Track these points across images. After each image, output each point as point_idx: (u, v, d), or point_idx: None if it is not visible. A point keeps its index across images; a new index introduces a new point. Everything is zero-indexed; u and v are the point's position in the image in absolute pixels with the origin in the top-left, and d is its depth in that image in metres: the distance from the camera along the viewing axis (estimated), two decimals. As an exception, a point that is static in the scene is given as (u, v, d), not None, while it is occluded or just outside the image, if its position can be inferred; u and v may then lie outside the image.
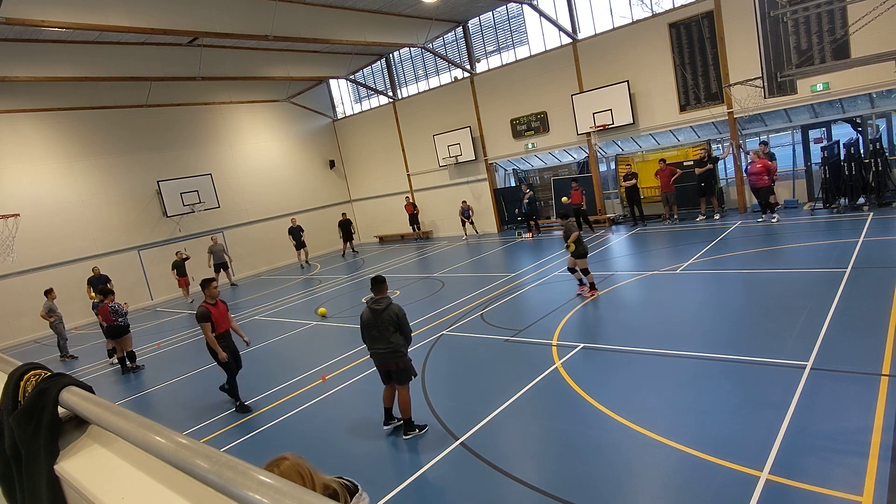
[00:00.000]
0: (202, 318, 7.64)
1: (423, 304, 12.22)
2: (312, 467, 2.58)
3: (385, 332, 6.05)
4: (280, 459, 2.58)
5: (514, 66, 19.66)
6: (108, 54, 16.39)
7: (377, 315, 6.06)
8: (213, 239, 20.04)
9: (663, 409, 5.84)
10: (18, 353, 15.25)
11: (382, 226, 25.62)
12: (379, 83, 24.09)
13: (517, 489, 4.92)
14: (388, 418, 6.46)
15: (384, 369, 6.26)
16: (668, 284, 10.40)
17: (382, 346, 6.09)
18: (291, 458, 2.56)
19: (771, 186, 14.08)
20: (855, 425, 4.84)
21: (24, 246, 16.34)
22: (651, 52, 16.54)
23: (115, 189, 19.22)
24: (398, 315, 6.06)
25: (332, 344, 10.45)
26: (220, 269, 19.37)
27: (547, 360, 7.63)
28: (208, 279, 8.00)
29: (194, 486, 1.06)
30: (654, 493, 4.61)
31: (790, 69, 6.03)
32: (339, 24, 16.85)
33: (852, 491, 4.02)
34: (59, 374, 1.57)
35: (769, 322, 7.62)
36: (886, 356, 5.93)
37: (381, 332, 6.05)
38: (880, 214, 12.69)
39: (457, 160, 21.42)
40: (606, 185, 19.46)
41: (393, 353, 6.09)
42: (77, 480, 1.36)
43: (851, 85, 13.57)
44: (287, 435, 6.90)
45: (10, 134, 17.15)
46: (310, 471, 2.53)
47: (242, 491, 0.90)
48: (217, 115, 22.26)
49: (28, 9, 11.29)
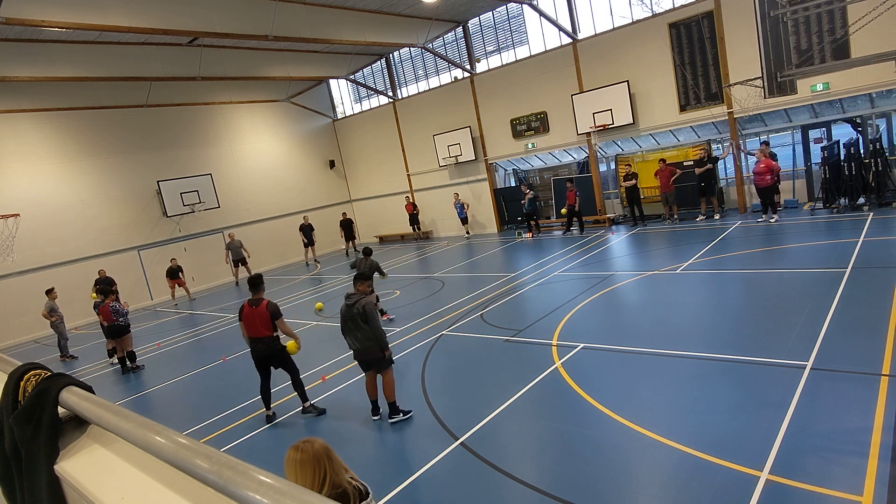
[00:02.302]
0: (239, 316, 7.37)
1: (423, 304, 12.22)
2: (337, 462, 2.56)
3: (357, 325, 6.49)
4: (307, 443, 2.57)
5: (514, 66, 19.66)
6: (108, 54, 16.39)
7: (349, 309, 6.56)
8: (230, 235, 20.53)
9: (663, 409, 5.84)
10: (18, 353, 15.25)
11: (382, 226, 25.62)
12: (379, 83, 24.09)
13: (517, 489, 4.92)
14: (375, 409, 6.85)
15: (361, 359, 6.72)
16: (669, 284, 10.40)
17: (358, 336, 6.53)
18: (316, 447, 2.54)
19: (775, 186, 14.07)
20: (855, 425, 4.84)
21: (24, 246, 16.34)
22: (651, 52, 16.54)
23: (115, 189, 19.23)
24: (365, 309, 6.48)
25: (332, 344, 10.45)
26: (238, 265, 19.92)
27: (547, 360, 7.63)
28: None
29: (194, 486, 1.06)
30: (654, 493, 4.61)
31: (790, 69, 6.03)
32: (339, 24, 16.85)
33: (852, 491, 4.02)
34: (59, 374, 1.57)
35: (769, 322, 7.62)
36: (886, 356, 5.93)
37: (355, 324, 6.50)
38: (880, 214, 12.68)
39: (457, 160, 21.42)
40: (606, 185, 19.46)
41: (365, 342, 6.51)
42: (77, 480, 1.36)
43: (851, 85, 13.57)
44: (287, 435, 6.90)
45: (10, 134, 17.15)
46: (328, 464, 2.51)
47: (242, 491, 0.90)
48: (217, 115, 22.26)
49: (28, 9, 11.28)
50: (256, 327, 7.11)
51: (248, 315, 7.15)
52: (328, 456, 2.52)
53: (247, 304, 7.22)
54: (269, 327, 7.11)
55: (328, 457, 2.52)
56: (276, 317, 7.11)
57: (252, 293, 7.28)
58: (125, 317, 10.96)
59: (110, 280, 15.98)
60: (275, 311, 7.13)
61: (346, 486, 2.51)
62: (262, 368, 7.34)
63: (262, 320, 7.08)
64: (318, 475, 2.46)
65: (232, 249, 19.90)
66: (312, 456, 2.51)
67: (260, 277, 7.41)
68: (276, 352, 7.24)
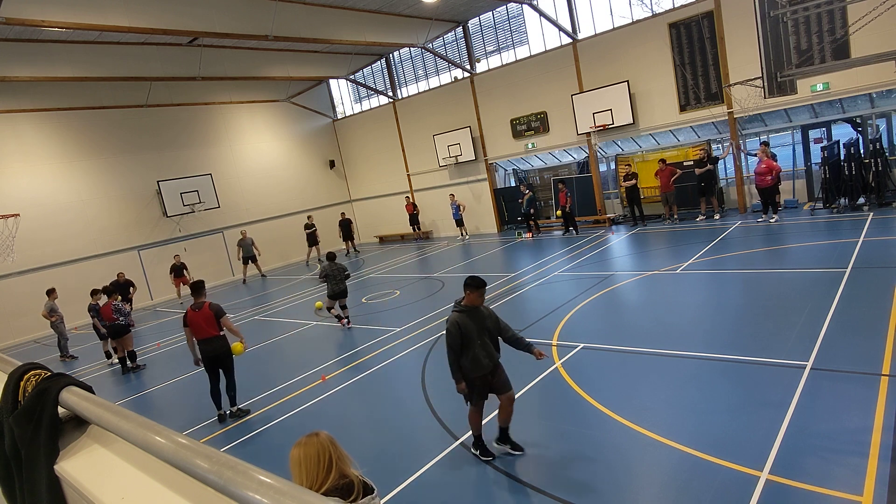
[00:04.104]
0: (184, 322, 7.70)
1: (423, 304, 12.22)
2: (341, 454, 2.56)
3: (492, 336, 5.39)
4: (311, 436, 2.57)
5: (513, 66, 19.66)
6: (108, 54, 16.39)
7: (483, 320, 5.31)
8: (242, 233, 20.83)
9: (663, 409, 5.84)
10: (18, 353, 15.25)
11: (382, 226, 25.62)
12: (379, 83, 24.09)
13: (517, 489, 4.92)
14: (484, 449, 5.50)
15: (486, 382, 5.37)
16: (669, 284, 10.39)
17: (489, 351, 5.31)
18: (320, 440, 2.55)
19: (776, 186, 14.07)
20: (855, 425, 4.83)
21: (24, 246, 16.35)
22: (651, 52, 16.54)
23: (115, 189, 19.23)
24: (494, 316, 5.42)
25: (333, 344, 10.45)
26: (248, 262, 20.27)
27: (547, 360, 7.62)
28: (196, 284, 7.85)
29: (194, 486, 1.06)
30: (654, 493, 4.61)
31: (790, 69, 6.03)
32: (339, 24, 16.85)
33: (852, 491, 4.02)
34: (59, 374, 1.57)
35: (769, 322, 7.62)
36: (886, 356, 5.93)
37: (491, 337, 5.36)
38: (880, 214, 12.68)
39: (457, 160, 21.42)
40: (606, 185, 19.46)
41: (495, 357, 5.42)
42: (77, 480, 1.36)
43: (851, 85, 13.57)
44: (287, 435, 6.90)
45: (10, 134, 17.15)
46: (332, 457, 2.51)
47: (242, 491, 0.90)
48: (217, 115, 22.26)
49: (28, 9, 11.28)
50: (203, 328, 7.47)
51: (194, 318, 7.50)
52: (333, 445, 2.54)
53: (190, 309, 7.59)
54: (215, 327, 7.50)
55: (334, 446, 2.54)
56: (219, 315, 7.51)
57: (194, 297, 7.70)
58: (126, 316, 10.97)
59: (128, 283, 15.66)
60: (218, 310, 7.55)
61: (353, 477, 2.51)
62: (212, 370, 7.67)
63: (207, 321, 7.45)
64: (323, 462, 2.47)
65: (243, 247, 20.19)
66: (318, 445, 2.53)
67: (201, 283, 7.84)
68: (225, 351, 7.60)
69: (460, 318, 5.27)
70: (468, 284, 5.32)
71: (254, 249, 20.35)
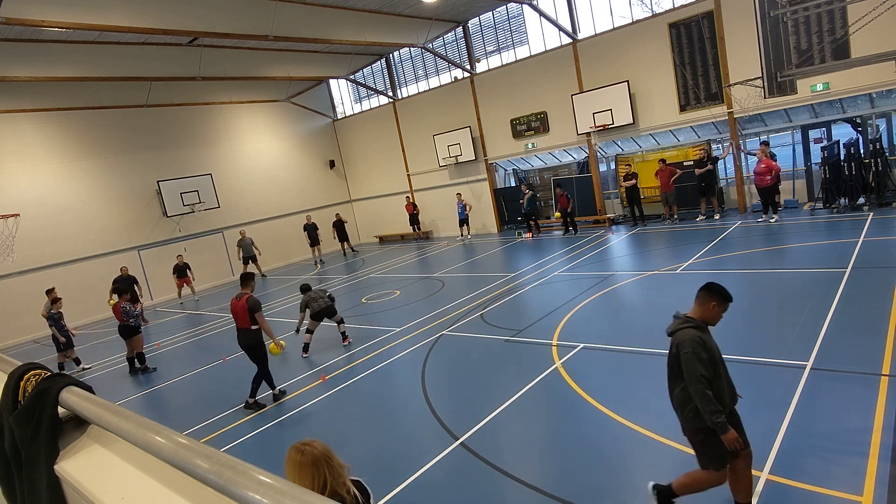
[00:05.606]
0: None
1: (423, 304, 12.22)
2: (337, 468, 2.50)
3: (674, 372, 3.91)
4: (308, 445, 2.50)
5: (514, 66, 19.66)
6: (108, 54, 16.39)
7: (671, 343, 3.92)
8: (241, 233, 20.81)
9: (663, 408, 5.80)
10: (18, 353, 15.24)
11: (382, 226, 25.62)
12: (379, 83, 24.09)
13: (517, 489, 4.92)
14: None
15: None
16: (669, 284, 10.39)
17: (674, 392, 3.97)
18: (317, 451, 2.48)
19: (776, 186, 14.07)
20: (855, 425, 4.83)
21: (24, 246, 16.34)
22: (651, 52, 16.54)
23: (115, 189, 19.22)
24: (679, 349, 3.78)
25: (333, 344, 10.45)
26: (248, 261, 20.23)
27: (547, 360, 7.63)
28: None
29: (194, 486, 1.06)
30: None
31: (790, 69, 6.03)
32: (339, 24, 16.85)
33: (852, 491, 4.02)
34: (59, 374, 1.57)
35: (769, 322, 7.62)
36: (886, 356, 5.93)
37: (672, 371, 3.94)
38: (880, 214, 12.68)
39: (457, 160, 21.42)
40: (606, 185, 19.46)
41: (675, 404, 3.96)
42: (77, 480, 1.36)
43: (851, 85, 13.57)
44: (286, 435, 6.90)
45: (10, 134, 17.15)
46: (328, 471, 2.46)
47: (242, 491, 0.90)
48: (217, 115, 22.26)
49: (28, 9, 11.28)
50: (239, 318, 7.77)
51: (233, 307, 7.86)
52: (328, 462, 2.48)
53: (234, 297, 7.92)
54: (248, 320, 7.66)
55: (328, 463, 2.47)
56: (254, 310, 7.64)
57: (241, 287, 7.94)
58: (136, 318, 10.97)
59: (132, 279, 15.81)
60: (253, 305, 7.68)
61: (345, 495, 2.47)
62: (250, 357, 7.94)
63: (242, 312, 7.67)
64: (316, 481, 2.43)
65: (243, 247, 20.20)
66: (312, 460, 2.46)
67: (249, 275, 8.04)
68: (253, 345, 7.74)
69: (704, 336, 3.73)
70: (714, 291, 3.76)
71: (254, 249, 20.37)
